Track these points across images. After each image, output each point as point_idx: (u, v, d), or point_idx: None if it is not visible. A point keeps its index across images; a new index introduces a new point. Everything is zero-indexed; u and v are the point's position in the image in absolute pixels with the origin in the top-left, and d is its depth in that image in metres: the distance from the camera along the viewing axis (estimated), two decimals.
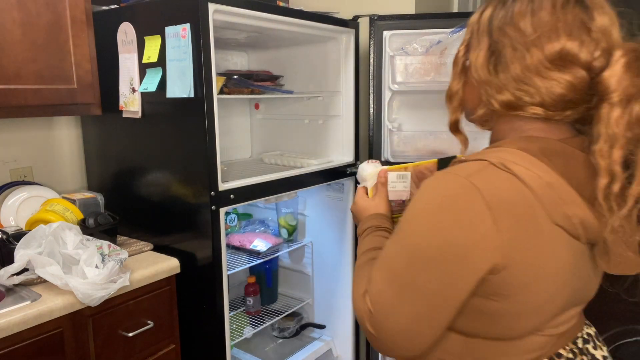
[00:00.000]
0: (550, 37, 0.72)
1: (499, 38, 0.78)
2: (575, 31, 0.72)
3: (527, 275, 0.72)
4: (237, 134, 2.39)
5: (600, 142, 0.69)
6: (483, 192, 0.69)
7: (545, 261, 0.72)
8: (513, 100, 0.76)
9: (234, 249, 2.08)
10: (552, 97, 0.73)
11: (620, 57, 0.70)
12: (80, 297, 1.27)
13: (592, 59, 0.72)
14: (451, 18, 1.94)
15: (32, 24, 1.44)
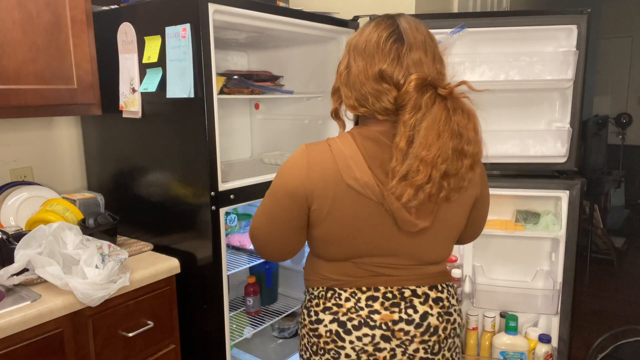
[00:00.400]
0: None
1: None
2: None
3: (325, 212, 1.06)
4: (237, 134, 2.39)
5: (397, 136, 1.00)
6: (309, 156, 1.07)
7: (339, 206, 1.05)
8: (355, 105, 1.09)
9: (234, 249, 2.08)
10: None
11: (412, 79, 0.99)
12: (80, 297, 1.27)
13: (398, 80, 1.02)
14: (451, 18, 1.94)
15: (32, 24, 1.44)
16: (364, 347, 1.10)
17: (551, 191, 1.96)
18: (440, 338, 1.13)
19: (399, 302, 1.11)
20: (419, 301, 1.12)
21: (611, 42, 5.88)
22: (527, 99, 2.00)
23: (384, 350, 1.10)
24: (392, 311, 1.11)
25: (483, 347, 2.10)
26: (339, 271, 1.14)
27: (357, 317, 1.11)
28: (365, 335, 1.10)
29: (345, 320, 1.11)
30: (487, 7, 2.84)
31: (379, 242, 1.09)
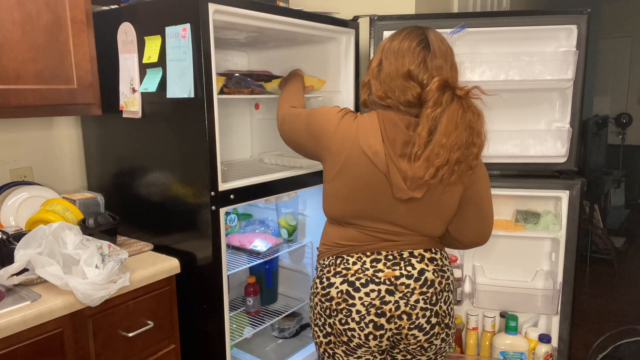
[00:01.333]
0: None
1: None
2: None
3: (337, 168, 1.31)
4: (237, 134, 2.39)
5: (419, 126, 1.22)
6: (342, 118, 1.33)
7: (350, 166, 1.29)
8: (382, 96, 1.31)
9: (234, 249, 2.08)
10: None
11: (436, 80, 1.21)
12: (80, 297, 1.27)
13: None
14: (451, 18, 1.94)
15: (32, 24, 1.44)
16: (371, 302, 1.29)
17: (551, 191, 1.96)
18: (437, 290, 1.32)
19: (398, 261, 1.32)
20: (416, 260, 1.33)
21: (611, 42, 5.88)
22: (527, 99, 2.00)
23: (389, 303, 1.29)
24: (393, 269, 1.31)
25: (483, 347, 2.10)
26: (345, 236, 1.36)
27: (364, 276, 1.31)
28: (372, 291, 1.29)
29: (353, 280, 1.31)
30: (487, 7, 2.84)
31: (378, 207, 1.31)
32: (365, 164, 1.27)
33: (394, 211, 1.31)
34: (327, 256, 1.39)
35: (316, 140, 1.38)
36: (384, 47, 1.33)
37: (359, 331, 1.30)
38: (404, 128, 1.26)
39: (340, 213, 1.36)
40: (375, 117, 1.30)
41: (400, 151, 1.27)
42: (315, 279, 1.41)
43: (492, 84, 1.91)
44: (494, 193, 2.00)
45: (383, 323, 1.29)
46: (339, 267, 1.34)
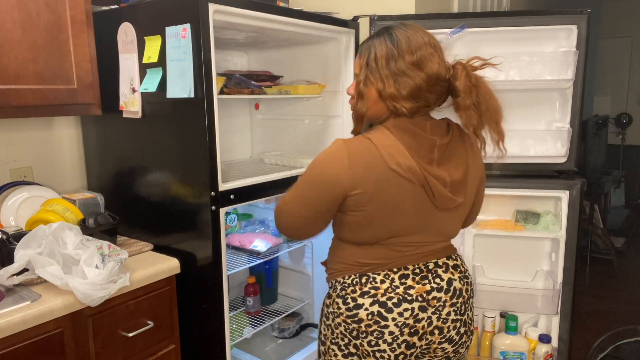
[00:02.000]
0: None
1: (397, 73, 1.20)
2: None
3: (368, 196, 1.17)
4: (237, 134, 2.39)
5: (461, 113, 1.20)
6: (348, 148, 1.17)
7: (382, 190, 1.16)
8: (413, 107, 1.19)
9: (234, 249, 2.08)
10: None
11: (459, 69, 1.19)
12: (80, 297, 1.27)
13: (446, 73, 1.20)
14: (451, 18, 1.94)
15: (32, 24, 1.44)
16: (405, 322, 1.21)
17: (551, 191, 1.96)
18: (465, 299, 1.29)
19: (426, 274, 1.26)
20: (442, 270, 1.27)
21: (611, 42, 5.88)
22: (527, 99, 2.00)
23: (422, 320, 1.23)
24: (423, 283, 1.24)
25: (483, 347, 2.10)
26: (372, 255, 1.25)
27: (395, 295, 1.22)
28: (406, 310, 1.22)
29: (385, 301, 1.22)
30: (487, 7, 2.84)
31: (413, 221, 1.22)
32: (398, 183, 1.16)
33: (434, 222, 1.24)
34: (347, 274, 1.28)
35: (329, 190, 1.18)
36: (387, 64, 1.19)
37: (390, 352, 1.22)
38: (423, 133, 1.19)
39: (371, 237, 1.24)
40: (388, 133, 1.19)
41: (427, 158, 1.19)
42: (336, 298, 1.28)
43: (492, 84, 1.91)
44: (494, 193, 2.01)
45: (415, 341, 1.24)
46: (366, 286, 1.24)
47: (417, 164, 1.16)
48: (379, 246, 1.25)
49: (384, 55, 1.18)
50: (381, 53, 1.18)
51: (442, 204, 1.21)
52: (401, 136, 1.18)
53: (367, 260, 1.25)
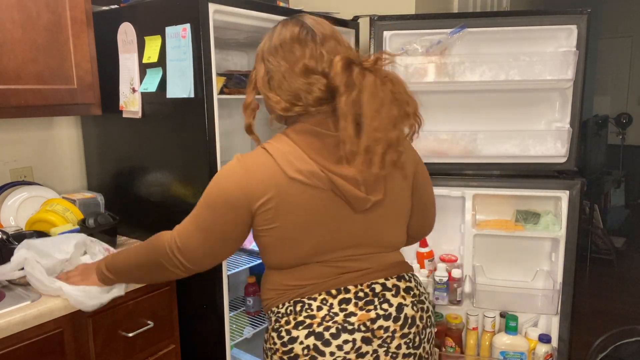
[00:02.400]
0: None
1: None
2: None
3: (272, 212, 1.04)
4: (237, 134, 2.39)
5: (340, 120, 1.01)
6: (243, 162, 1.08)
7: (287, 203, 1.04)
8: (287, 107, 1.10)
9: None
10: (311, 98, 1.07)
11: (338, 61, 1.03)
12: (73, 304, 1.26)
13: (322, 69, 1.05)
14: (451, 18, 1.94)
15: (32, 24, 1.44)
16: (345, 356, 1.05)
17: (551, 191, 1.96)
18: (419, 329, 1.11)
19: (372, 299, 1.09)
20: (391, 294, 1.10)
21: (611, 42, 5.88)
22: (527, 99, 2.00)
23: (366, 355, 1.06)
24: (367, 309, 1.07)
25: (483, 347, 2.10)
26: (303, 276, 1.10)
27: (334, 324, 1.05)
28: (346, 342, 1.05)
29: (321, 331, 1.05)
30: (487, 7, 2.84)
31: (336, 232, 1.08)
32: (304, 192, 1.04)
33: (355, 229, 1.09)
34: (281, 302, 1.12)
35: (230, 209, 1.07)
36: (262, 51, 1.15)
37: None
38: (325, 131, 1.06)
39: (293, 258, 1.10)
40: (285, 139, 1.09)
41: (335, 158, 1.05)
42: (271, 331, 1.12)
43: (492, 84, 1.91)
44: (494, 193, 2.01)
45: None
46: (300, 315, 1.07)
47: (319, 167, 1.04)
48: (313, 265, 1.10)
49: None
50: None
51: (358, 206, 1.07)
52: (300, 138, 1.07)
53: (299, 282, 1.10)
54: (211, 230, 1.11)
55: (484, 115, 2.02)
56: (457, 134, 1.97)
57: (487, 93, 2.00)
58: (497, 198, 2.07)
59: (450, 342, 2.11)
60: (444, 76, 1.91)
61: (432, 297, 2.04)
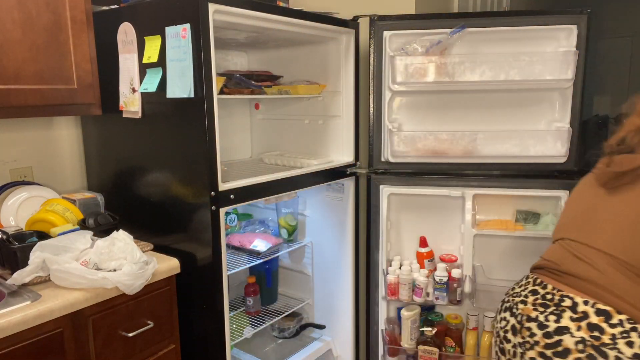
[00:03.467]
0: None
1: None
2: None
3: None
4: (237, 134, 2.39)
5: None
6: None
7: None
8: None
9: (234, 249, 2.08)
10: None
11: None
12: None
13: None
14: (451, 18, 1.94)
15: (32, 24, 1.44)
16: (498, 331, 1.11)
17: (551, 191, 1.96)
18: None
19: (549, 304, 1.06)
20: (571, 315, 1.02)
21: (611, 42, 5.88)
22: (527, 99, 2.00)
23: (509, 342, 1.08)
24: (535, 307, 1.08)
25: (483, 347, 2.10)
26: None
27: (511, 299, 1.12)
28: (504, 319, 1.11)
29: (506, 299, 1.15)
30: (487, 7, 2.84)
31: (577, 210, 1.19)
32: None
33: (589, 203, 1.20)
34: None
35: None
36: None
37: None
38: None
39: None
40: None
41: None
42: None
43: (492, 84, 1.91)
44: (494, 193, 2.01)
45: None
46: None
47: None
48: (555, 244, 1.24)
49: None
50: None
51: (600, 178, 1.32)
52: None
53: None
54: None
55: (484, 115, 2.02)
56: (457, 134, 1.97)
57: (487, 93, 2.00)
58: (497, 198, 2.07)
59: (450, 342, 2.11)
60: (444, 76, 1.91)
61: (432, 297, 2.04)
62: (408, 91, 2.01)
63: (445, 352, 2.11)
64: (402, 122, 2.07)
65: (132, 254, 1.42)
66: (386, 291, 2.09)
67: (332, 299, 2.30)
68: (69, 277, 1.31)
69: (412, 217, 2.17)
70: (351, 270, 2.21)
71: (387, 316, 2.19)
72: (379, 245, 2.10)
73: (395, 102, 2.06)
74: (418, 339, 2.10)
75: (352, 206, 2.16)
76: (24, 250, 1.37)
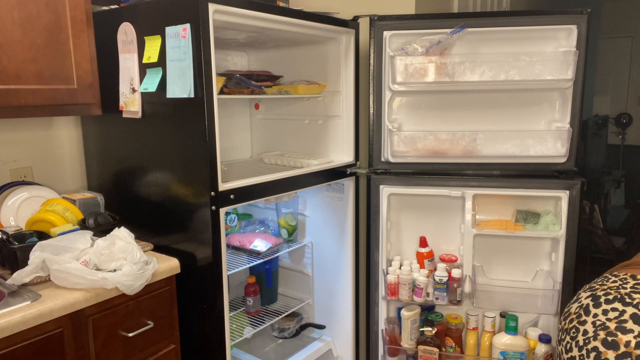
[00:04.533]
0: None
1: None
2: None
3: None
4: (237, 134, 2.39)
5: None
6: None
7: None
8: None
9: (234, 249, 2.08)
10: None
11: None
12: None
13: None
14: (451, 18, 1.94)
15: (32, 24, 1.44)
16: (605, 323, 0.97)
17: (551, 191, 1.96)
18: None
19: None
20: None
21: (611, 42, 5.88)
22: (527, 99, 2.00)
23: (629, 333, 0.94)
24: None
25: (483, 347, 2.10)
26: None
27: (614, 291, 0.99)
28: (614, 310, 0.96)
29: (599, 293, 1.01)
30: (487, 7, 2.84)
31: None
32: None
33: None
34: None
35: None
36: None
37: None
38: None
39: None
40: None
41: None
42: None
43: (492, 84, 1.91)
44: (494, 193, 2.01)
45: (608, 358, 0.94)
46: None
47: None
48: None
49: None
50: None
51: None
52: None
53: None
54: None
55: (484, 115, 2.02)
56: (457, 134, 1.97)
57: (487, 93, 2.00)
58: (497, 198, 2.07)
59: (450, 342, 2.11)
60: (444, 76, 1.91)
61: (432, 297, 2.04)
62: (408, 91, 2.01)
63: (445, 352, 2.11)
64: (402, 122, 2.07)
65: (132, 254, 1.42)
66: (386, 291, 2.09)
67: (332, 299, 2.30)
68: (69, 277, 1.31)
69: (412, 217, 2.17)
70: (351, 270, 2.21)
71: (387, 316, 2.19)
72: (379, 245, 2.10)
73: (395, 102, 2.06)
74: (418, 339, 2.10)
75: (352, 206, 2.16)
76: (24, 250, 1.37)
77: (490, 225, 2.05)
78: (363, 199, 2.19)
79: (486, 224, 2.07)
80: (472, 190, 2.00)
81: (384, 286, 2.09)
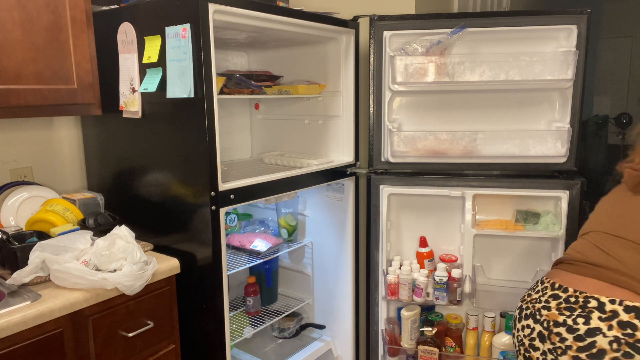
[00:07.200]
0: None
1: None
2: None
3: None
4: (237, 134, 2.39)
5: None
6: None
7: None
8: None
9: (234, 249, 2.08)
10: None
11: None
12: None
13: None
14: (451, 18, 1.94)
15: (32, 24, 1.44)
16: (522, 339, 1.09)
17: (551, 191, 1.96)
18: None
19: (574, 307, 1.05)
20: (599, 316, 1.03)
21: (611, 42, 5.87)
22: (527, 99, 2.00)
23: (537, 351, 1.05)
24: (560, 312, 1.06)
25: (483, 347, 2.10)
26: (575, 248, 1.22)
27: (532, 306, 1.10)
28: (527, 327, 1.08)
29: (522, 306, 1.13)
30: (487, 7, 2.84)
31: (604, 208, 1.19)
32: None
33: (619, 206, 1.22)
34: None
35: None
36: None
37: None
38: None
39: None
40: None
41: None
42: None
43: (492, 84, 1.91)
44: (494, 193, 2.01)
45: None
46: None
47: None
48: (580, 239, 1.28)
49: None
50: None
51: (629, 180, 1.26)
52: None
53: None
54: None
55: (484, 115, 2.02)
56: (457, 134, 1.97)
57: (487, 93, 2.00)
58: (497, 198, 2.07)
59: (450, 342, 2.11)
60: (444, 76, 1.91)
61: (432, 297, 2.04)
62: (408, 91, 2.01)
63: (445, 352, 2.11)
64: (402, 122, 2.07)
65: (132, 254, 1.42)
66: (386, 291, 2.09)
67: (332, 299, 2.30)
68: (69, 277, 1.31)
69: (412, 217, 2.17)
70: (351, 270, 2.21)
71: (387, 316, 2.19)
72: (379, 245, 2.10)
73: (395, 102, 2.06)
74: (418, 339, 2.10)
75: (352, 206, 2.16)
76: (24, 250, 1.37)
77: (490, 225, 2.05)
78: (363, 199, 2.19)
79: (486, 224, 2.07)
80: (472, 190, 2.00)
81: (384, 286, 2.09)
